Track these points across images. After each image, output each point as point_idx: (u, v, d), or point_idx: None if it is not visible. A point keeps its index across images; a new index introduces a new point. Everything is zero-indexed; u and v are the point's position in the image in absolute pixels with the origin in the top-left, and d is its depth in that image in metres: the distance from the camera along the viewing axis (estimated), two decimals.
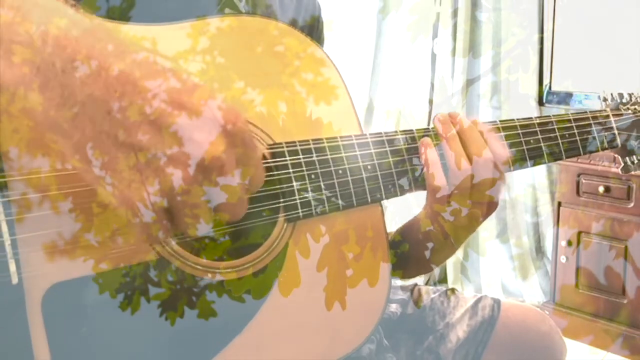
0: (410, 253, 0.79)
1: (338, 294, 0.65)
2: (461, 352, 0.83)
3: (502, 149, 0.71)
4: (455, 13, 2.44)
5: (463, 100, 2.46)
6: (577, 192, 2.08)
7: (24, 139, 0.44)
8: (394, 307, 0.88)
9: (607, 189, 2.01)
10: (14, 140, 0.44)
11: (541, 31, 2.34)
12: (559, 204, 2.14)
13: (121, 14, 0.61)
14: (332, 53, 0.70)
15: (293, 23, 0.79)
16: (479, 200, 0.70)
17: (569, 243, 2.12)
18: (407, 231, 0.80)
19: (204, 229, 0.49)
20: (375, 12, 2.42)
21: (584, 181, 2.07)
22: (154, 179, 0.45)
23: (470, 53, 2.46)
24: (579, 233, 2.10)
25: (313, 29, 0.84)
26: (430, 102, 2.49)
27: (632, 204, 1.97)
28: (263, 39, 0.64)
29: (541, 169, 2.43)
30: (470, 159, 0.69)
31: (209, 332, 0.58)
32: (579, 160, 2.05)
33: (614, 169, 1.99)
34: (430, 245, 0.76)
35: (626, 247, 2.00)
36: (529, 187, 2.47)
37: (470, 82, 2.48)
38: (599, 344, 2.09)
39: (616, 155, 0.86)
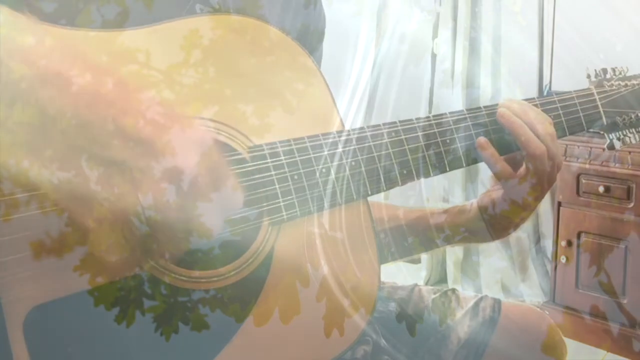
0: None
1: (336, 320, 0.63)
2: (462, 353, 0.82)
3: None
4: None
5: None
6: (577, 192, 2.08)
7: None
8: (392, 305, 0.88)
9: (607, 189, 2.01)
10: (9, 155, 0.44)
11: (541, 31, 2.34)
12: (559, 204, 2.14)
13: (115, 28, 0.60)
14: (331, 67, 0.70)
15: (281, 26, 0.78)
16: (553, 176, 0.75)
17: (569, 243, 2.11)
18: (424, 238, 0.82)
19: (190, 243, 0.50)
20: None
21: (584, 181, 2.07)
22: (148, 194, 0.46)
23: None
24: (579, 233, 2.10)
25: (304, 38, 0.82)
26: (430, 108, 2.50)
27: (632, 204, 1.97)
28: (255, 47, 0.64)
29: None
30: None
31: (197, 345, 0.57)
32: (579, 160, 2.06)
33: (614, 169, 1.99)
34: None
35: (626, 247, 2.00)
36: None
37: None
38: (598, 343, 2.09)
39: (602, 132, 0.85)
